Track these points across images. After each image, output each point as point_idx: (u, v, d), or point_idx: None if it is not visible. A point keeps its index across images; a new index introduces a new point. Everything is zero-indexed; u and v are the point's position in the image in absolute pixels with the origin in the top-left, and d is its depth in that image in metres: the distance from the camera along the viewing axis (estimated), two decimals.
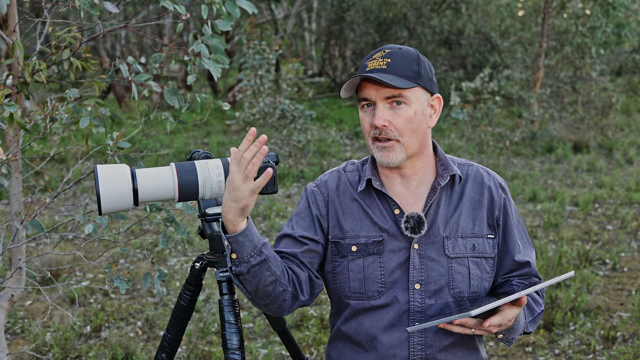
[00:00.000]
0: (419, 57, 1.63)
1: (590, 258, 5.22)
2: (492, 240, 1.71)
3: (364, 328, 1.69)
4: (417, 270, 1.65)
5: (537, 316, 1.74)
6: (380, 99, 1.60)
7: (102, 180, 1.56)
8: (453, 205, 1.70)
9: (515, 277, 1.76)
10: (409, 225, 1.64)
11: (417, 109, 1.61)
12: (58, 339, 3.88)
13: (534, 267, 1.77)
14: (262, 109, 8.98)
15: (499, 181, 1.77)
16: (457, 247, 1.67)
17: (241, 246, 1.51)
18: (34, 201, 6.66)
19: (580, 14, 11.34)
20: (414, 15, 15.00)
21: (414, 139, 1.62)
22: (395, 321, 1.66)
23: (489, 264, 1.71)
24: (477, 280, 1.68)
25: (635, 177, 8.22)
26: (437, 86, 1.68)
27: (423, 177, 1.70)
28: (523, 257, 1.74)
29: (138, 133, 3.01)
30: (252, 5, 2.26)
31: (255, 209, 6.91)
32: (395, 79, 1.57)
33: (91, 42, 12.73)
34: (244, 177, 1.44)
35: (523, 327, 1.67)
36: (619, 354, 3.71)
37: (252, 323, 4.21)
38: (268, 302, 1.62)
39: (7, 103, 2.15)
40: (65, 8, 2.33)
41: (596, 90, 11.37)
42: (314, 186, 1.76)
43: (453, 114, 9.83)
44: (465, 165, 1.76)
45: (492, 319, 1.54)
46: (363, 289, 1.67)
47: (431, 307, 1.65)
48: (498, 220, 1.72)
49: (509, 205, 1.75)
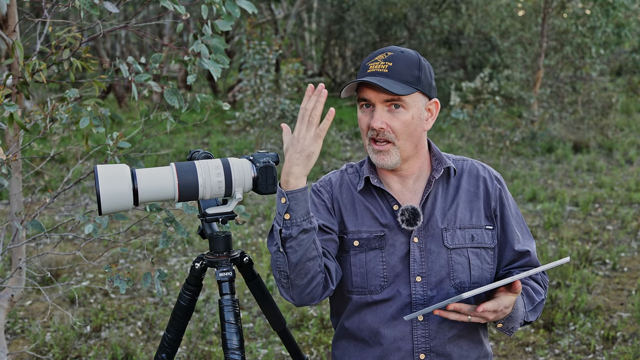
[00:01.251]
0: (420, 61, 1.67)
1: (590, 258, 5.22)
2: (491, 231, 1.74)
3: (367, 323, 1.72)
4: (418, 263, 1.69)
5: (538, 305, 1.74)
6: (379, 102, 1.63)
7: (102, 180, 1.56)
8: (450, 197, 1.73)
9: (517, 268, 1.77)
10: (404, 217, 1.68)
11: (415, 114, 1.65)
12: (58, 339, 3.88)
13: (534, 257, 1.79)
14: (262, 109, 8.98)
15: (494, 174, 1.80)
16: (456, 238, 1.70)
17: (298, 205, 1.55)
18: (34, 201, 6.66)
19: (580, 14, 11.35)
20: (414, 15, 15.01)
21: (408, 143, 1.67)
22: (397, 314, 1.69)
23: (489, 255, 1.73)
24: (478, 270, 1.70)
25: (635, 177, 8.22)
26: (435, 90, 1.72)
27: (419, 175, 1.75)
28: (523, 246, 1.76)
29: (138, 133, 3.02)
30: (252, 5, 2.26)
31: (255, 209, 6.91)
32: (396, 85, 1.61)
33: (91, 42, 12.73)
34: (307, 126, 1.54)
35: (522, 316, 1.67)
36: (619, 354, 3.71)
37: (252, 323, 4.21)
38: (305, 281, 1.60)
39: (7, 103, 2.15)
40: (65, 8, 2.33)
41: (596, 90, 11.37)
42: (319, 185, 1.81)
43: (453, 114, 9.83)
44: (460, 161, 1.81)
45: (485, 304, 1.56)
46: (365, 284, 1.70)
47: (433, 298, 1.68)
48: (495, 212, 1.75)
49: (505, 196, 1.78)
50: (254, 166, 1.70)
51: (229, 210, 1.75)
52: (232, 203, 1.73)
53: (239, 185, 1.69)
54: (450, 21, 15.33)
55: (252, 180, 1.70)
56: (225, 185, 1.67)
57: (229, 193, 1.69)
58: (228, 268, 1.77)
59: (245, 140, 10.44)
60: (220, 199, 1.79)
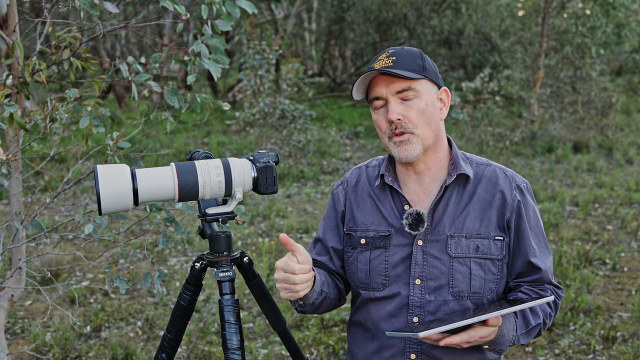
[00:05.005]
0: (422, 54, 1.70)
1: (590, 258, 5.22)
2: (501, 242, 1.70)
3: (371, 316, 1.77)
4: (419, 266, 1.70)
5: (532, 329, 1.70)
6: (391, 94, 1.65)
7: (102, 180, 1.56)
8: (462, 204, 1.72)
9: (527, 282, 1.74)
10: (407, 221, 1.68)
11: (428, 101, 1.66)
12: (58, 339, 3.88)
13: (546, 274, 1.74)
14: (262, 109, 8.98)
15: (518, 183, 1.75)
16: (460, 247, 1.69)
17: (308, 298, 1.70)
18: (34, 201, 6.66)
19: (580, 14, 11.35)
20: (414, 15, 15.01)
21: (428, 130, 1.66)
22: (395, 312, 1.72)
23: (496, 266, 1.70)
24: (479, 281, 1.69)
25: (635, 177, 8.22)
26: (442, 80, 1.74)
27: (436, 174, 1.74)
28: (537, 261, 1.72)
29: (138, 133, 3.01)
30: (252, 5, 2.26)
31: (255, 209, 6.91)
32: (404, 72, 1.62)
33: (91, 42, 12.73)
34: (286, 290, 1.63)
35: (511, 339, 1.63)
36: (619, 354, 3.71)
37: (252, 323, 4.21)
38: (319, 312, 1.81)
39: (7, 103, 2.15)
40: (65, 8, 2.33)
41: (596, 90, 11.37)
42: (339, 184, 1.89)
43: (453, 114, 9.84)
44: (483, 165, 1.77)
45: (449, 339, 1.53)
46: (368, 280, 1.75)
47: (430, 303, 1.68)
48: (509, 223, 1.71)
49: (526, 207, 1.73)
50: (254, 166, 1.70)
51: (229, 210, 1.75)
52: (232, 203, 1.73)
53: (239, 185, 1.69)
54: (450, 21, 15.34)
55: (252, 180, 1.70)
56: (225, 185, 1.67)
57: (229, 193, 1.69)
58: (228, 268, 1.76)
59: (245, 140, 10.44)
60: (220, 199, 1.79)
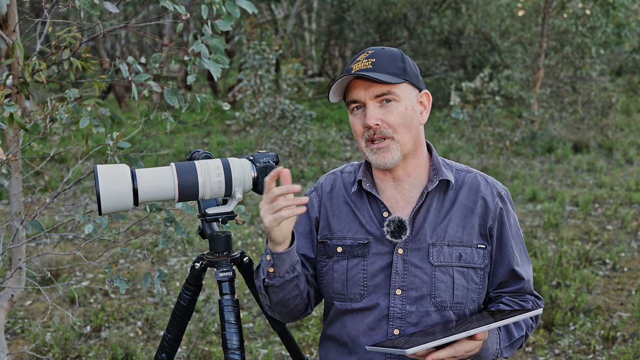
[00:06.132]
0: (403, 55, 1.62)
1: (590, 258, 5.22)
2: (483, 250, 1.65)
3: (347, 329, 1.68)
4: (400, 275, 1.62)
5: (516, 342, 1.66)
6: (369, 98, 1.58)
7: (102, 180, 1.56)
8: (444, 211, 1.65)
9: (508, 293, 1.70)
10: (389, 229, 1.61)
11: (408, 105, 1.59)
12: (58, 339, 3.88)
13: (528, 283, 1.70)
14: (262, 109, 8.98)
15: (499, 190, 1.70)
16: (442, 255, 1.62)
17: (282, 262, 1.57)
18: (34, 201, 6.66)
19: (580, 14, 11.34)
20: (414, 15, 15.00)
21: (407, 135, 1.60)
22: (375, 325, 1.64)
23: (478, 275, 1.65)
24: (462, 290, 1.63)
25: (635, 177, 8.22)
26: (423, 83, 1.67)
27: (416, 180, 1.67)
28: (520, 270, 1.68)
29: (138, 133, 3.01)
30: (252, 5, 2.26)
31: (255, 209, 6.91)
32: (383, 76, 1.56)
33: (91, 42, 12.73)
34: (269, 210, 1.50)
35: (495, 352, 1.60)
36: (619, 354, 3.71)
37: (252, 323, 4.21)
38: (285, 311, 1.70)
39: (7, 103, 2.15)
40: (65, 8, 2.33)
41: (596, 90, 11.37)
42: (312, 189, 1.79)
43: (453, 114, 9.83)
44: (463, 172, 1.72)
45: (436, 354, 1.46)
46: (345, 291, 1.66)
47: (411, 314, 1.62)
48: (491, 231, 1.66)
49: (507, 215, 1.69)
50: (254, 166, 1.70)
51: (229, 210, 1.75)
52: (232, 203, 1.73)
53: (239, 185, 1.69)
54: (450, 21, 15.33)
55: (252, 180, 1.70)
56: (225, 185, 1.67)
57: (229, 193, 1.69)
58: (228, 268, 1.77)
59: (245, 140, 10.44)
60: (220, 199, 1.79)
